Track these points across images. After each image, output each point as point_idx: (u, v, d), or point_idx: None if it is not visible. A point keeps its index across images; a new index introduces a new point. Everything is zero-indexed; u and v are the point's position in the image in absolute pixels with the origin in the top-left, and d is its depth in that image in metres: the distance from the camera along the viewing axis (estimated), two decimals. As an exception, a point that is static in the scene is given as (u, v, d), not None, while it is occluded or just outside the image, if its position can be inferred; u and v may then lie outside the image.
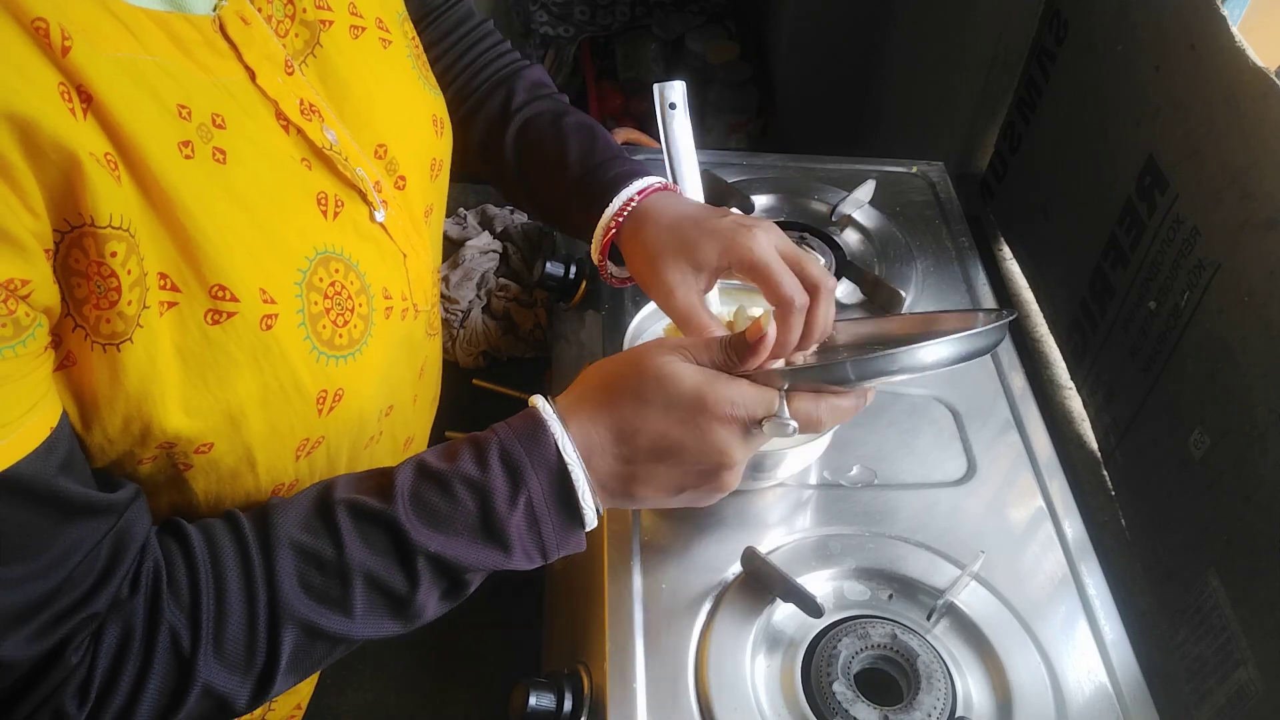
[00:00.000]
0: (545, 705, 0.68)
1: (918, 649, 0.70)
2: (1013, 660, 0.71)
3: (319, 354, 0.55)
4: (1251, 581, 0.73)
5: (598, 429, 0.58)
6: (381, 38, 0.65)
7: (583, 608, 0.76)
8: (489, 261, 1.22)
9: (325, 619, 0.53)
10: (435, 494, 0.55)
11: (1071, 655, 0.73)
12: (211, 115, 0.51)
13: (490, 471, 0.56)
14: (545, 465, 0.57)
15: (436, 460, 0.57)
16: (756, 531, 0.79)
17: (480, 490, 0.55)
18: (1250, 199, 0.76)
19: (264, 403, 0.53)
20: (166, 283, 0.48)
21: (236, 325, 0.51)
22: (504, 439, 0.57)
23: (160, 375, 0.49)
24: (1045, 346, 1.13)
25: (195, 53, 0.52)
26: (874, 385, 0.62)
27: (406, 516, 0.54)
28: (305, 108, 0.57)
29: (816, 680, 0.69)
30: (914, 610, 0.74)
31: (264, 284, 0.52)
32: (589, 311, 0.98)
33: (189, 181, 0.49)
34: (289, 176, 0.56)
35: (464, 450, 0.57)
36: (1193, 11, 0.84)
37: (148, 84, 0.48)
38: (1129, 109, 0.95)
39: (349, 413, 0.59)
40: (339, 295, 0.57)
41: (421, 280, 0.66)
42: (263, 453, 0.55)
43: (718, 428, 0.58)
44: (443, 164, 0.71)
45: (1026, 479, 0.85)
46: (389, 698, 0.89)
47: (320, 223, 0.57)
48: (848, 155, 1.18)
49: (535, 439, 0.57)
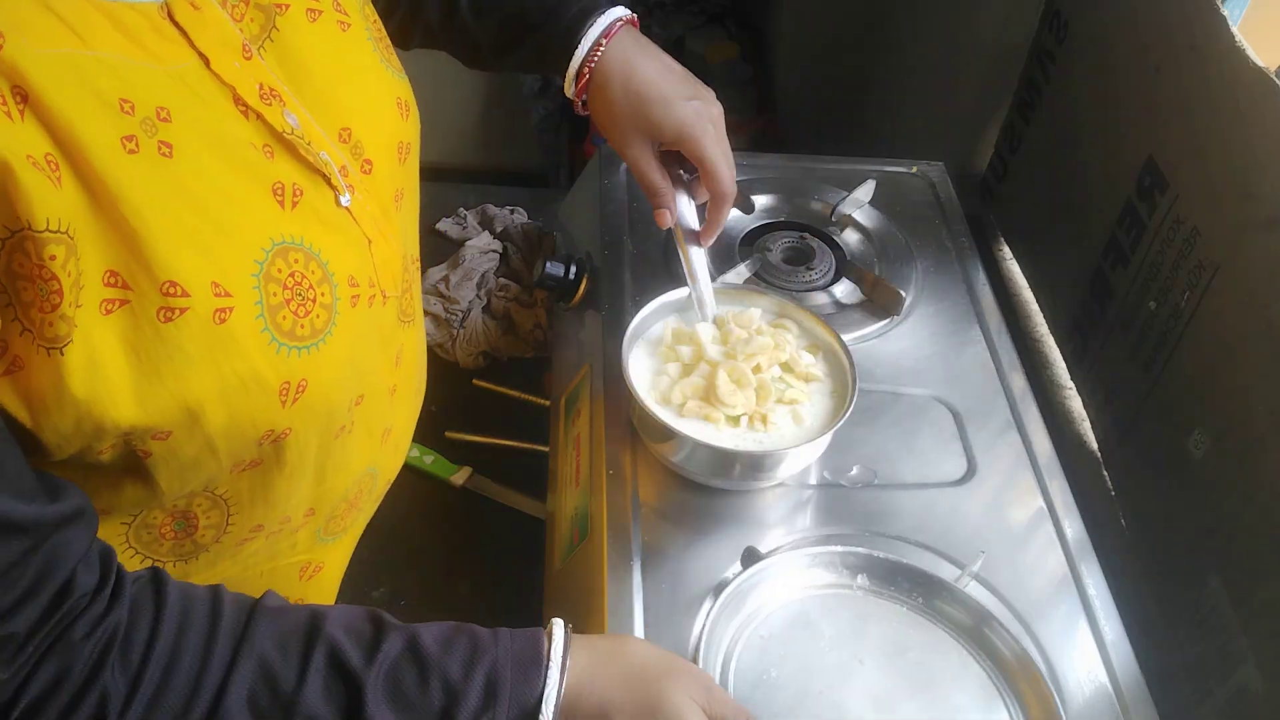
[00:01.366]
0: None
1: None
2: (1013, 660, 0.71)
3: (279, 345, 0.55)
4: (1251, 581, 0.73)
5: (594, 699, 0.58)
6: (340, 20, 0.64)
7: (583, 608, 0.76)
8: (489, 261, 1.22)
9: None
10: (412, 677, 0.55)
11: (1071, 655, 0.73)
12: (157, 109, 0.50)
13: (471, 682, 0.55)
14: (520, 704, 0.56)
15: (431, 643, 0.56)
16: (756, 531, 0.79)
17: (452, 695, 0.55)
18: (1250, 199, 0.76)
19: (223, 396, 0.53)
20: (117, 280, 0.48)
21: (189, 321, 0.50)
22: (499, 659, 0.57)
23: (106, 375, 0.48)
24: (1045, 346, 1.13)
25: (144, 41, 0.51)
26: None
27: (373, 690, 0.53)
28: (265, 92, 0.57)
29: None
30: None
31: (217, 277, 0.51)
32: (589, 311, 0.98)
33: (133, 177, 0.49)
34: (243, 167, 0.55)
35: (459, 645, 0.56)
36: (1193, 11, 0.84)
37: (87, 80, 0.48)
38: (1129, 109, 0.95)
39: (315, 403, 0.59)
40: (299, 285, 0.56)
41: (389, 266, 0.66)
42: (224, 442, 0.55)
43: None
44: (410, 147, 0.70)
45: (1026, 479, 0.85)
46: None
47: (277, 213, 0.56)
48: (848, 155, 1.17)
49: (527, 675, 0.57)
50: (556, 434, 0.94)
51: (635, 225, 1.04)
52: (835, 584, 0.75)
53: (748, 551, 0.74)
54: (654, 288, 0.90)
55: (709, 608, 0.72)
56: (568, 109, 2.16)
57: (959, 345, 0.95)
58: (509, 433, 1.07)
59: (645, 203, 1.03)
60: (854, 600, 0.75)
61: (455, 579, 0.96)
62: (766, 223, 1.06)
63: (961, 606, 0.73)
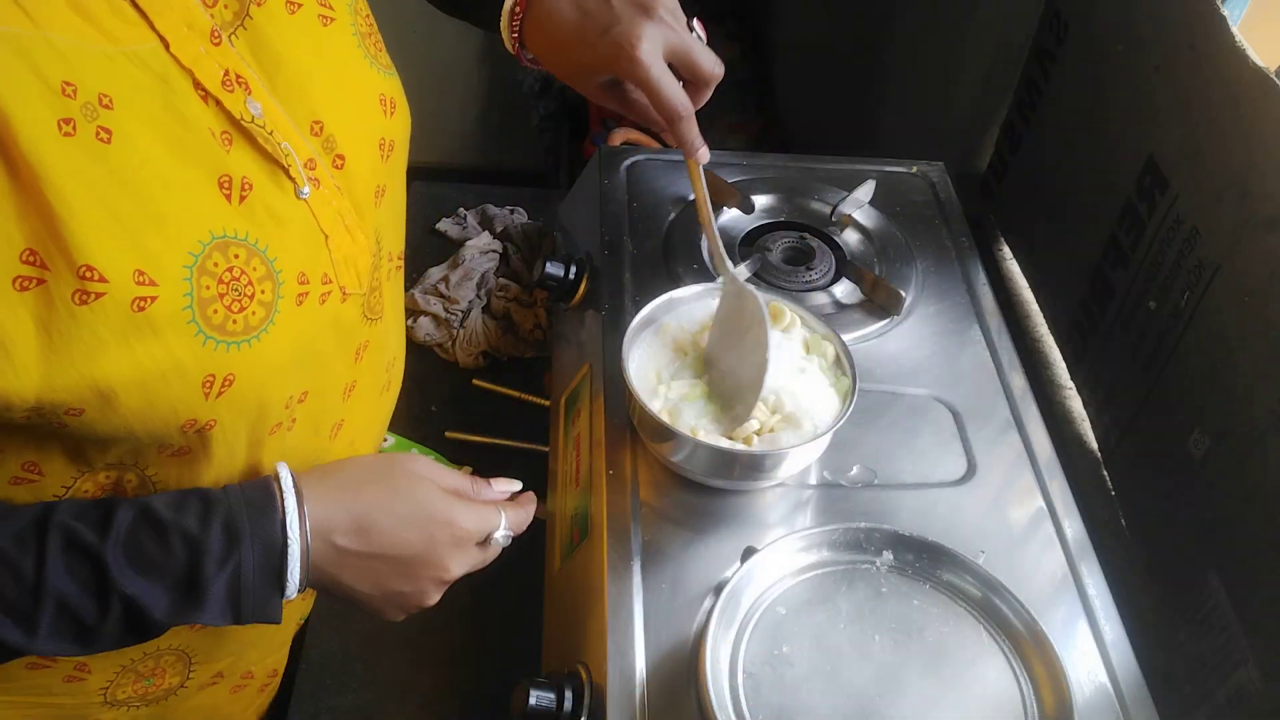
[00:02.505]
0: (545, 704, 0.68)
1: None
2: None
3: (205, 338, 0.55)
4: (1251, 581, 0.73)
5: (339, 511, 0.61)
6: (321, 15, 0.64)
7: (583, 608, 0.76)
8: (489, 261, 1.22)
9: (5, 630, 0.53)
10: (150, 539, 0.56)
11: (1071, 655, 0.73)
12: (99, 94, 0.51)
13: (210, 531, 0.57)
14: (264, 539, 0.58)
15: (163, 507, 0.57)
16: (756, 531, 0.79)
17: (194, 547, 0.56)
18: (1250, 199, 0.76)
19: (138, 382, 0.53)
20: (35, 259, 0.49)
21: (105, 306, 0.51)
22: (234, 503, 0.58)
23: (11, 349, 0.49)
24: (1045, 346, 1.13)
25: (101, 21, 0.51)
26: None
27: (114, 556, 0.54)
28: (230, 79, 0.57)
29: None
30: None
31: (142, 265, 0.52)
32: (589, 311, 0.98)
33: (64, 160, 0.49)
34: (191, 157, 0.55)
35: (192, 503, 0.58)
36: (1193, 11, 0.84)
37: (29, 60, 0.48)
38: (1129, 109, 0.95)
39: (243, 399, 0.59)
40: (236, 281, 0.56)
41: (352, 262, 0.65)
42: (142, 425, 0.55)
43: (450, 548, 0.66)
44: (394, 144, 0.70)
45: (1026, 479, 0.85)
46: (388, 699, 0.89)
47: (222, 206, 0.56)
48: (848, 155, 1.17)
49: (264, 512, 0.59)
50: (556, 434, 0.94)
51: (635, 225, 1.04)
52: (856, 560, 0.76)
53: (748, 551, 0.74)
54: (654, 288, 0.90)
55: (709, 606, 0.72)
56: (568, 109, 2.16)
57: (959, 345, 0.95)
58: (509, 433, 1.07)
59: (645, 202, 1.03)
60: (874, 576, 0.75)
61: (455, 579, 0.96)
62: (766, 223, 1.06)
63: (979, 582, 0.73)
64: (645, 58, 0.72)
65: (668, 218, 1.05)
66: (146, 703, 0.74)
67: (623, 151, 1.14)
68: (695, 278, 0.96)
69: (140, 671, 0.72)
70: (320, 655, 0.90)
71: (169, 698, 0.75)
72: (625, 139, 1.50)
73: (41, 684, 0.68)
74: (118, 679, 0.71)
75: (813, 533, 0.75)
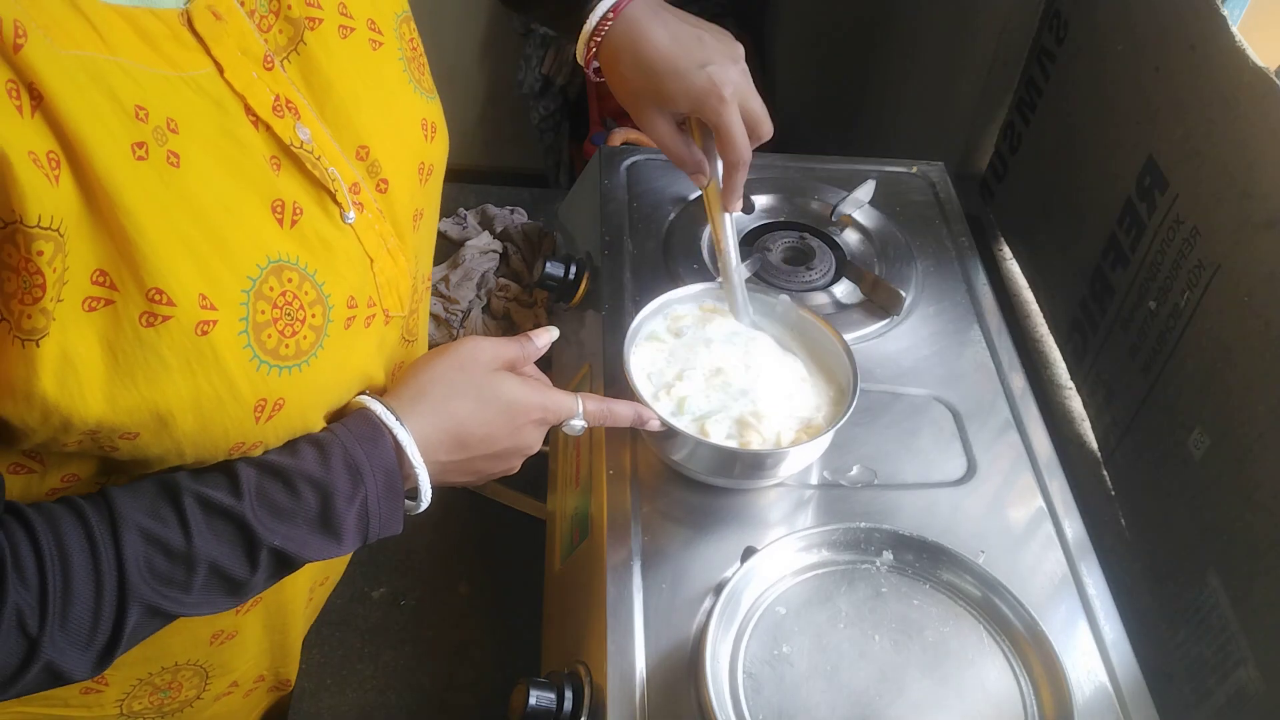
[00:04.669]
0: (545, 705, 0.69)
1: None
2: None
3: (260, 363, 0.55)
4: (1251, 581, 0.73)
5: (437, 430, 0.65)
6: (372, 39, 0.64)
7: (583, 608, 0.76)
8: (489, 261, 1.22)
9: (167, 600, 0.55)
10: (279, 490, 0.58)
11: (1071, 655, 0.73)
12: (168, 118, 0.51)
13: (333, 471, 0.59)
14: (383, 468, 0.61)
15: (280, 456, 0.59)
16: (756, 531, 0.79)
17: (322, 489, 0.59)
18: (1250, 199, 0.76)
19: (196, 406, 0.53)
20: (105, 280, 0.49)
21: (171, 329, 0.51)
22: (346, 441, 0.61)
23: (79, 370, 0.49)
24: (1045, 346, 1.13)
25: (162, 47, 0.52)
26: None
27: (254, 512, 0.56)
28: (280, 104, 0.57)
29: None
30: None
31: (206, 290, 0.52)
32: (589, 311, 0.98)
33: (138, 184, 0.49)
34: (247, 181, 0.55)
35: (305, 449, 0.60)
36: (1193, 12, 0.84)
37: (106, 84, 0.48)
38: (1129, 109, 0.95)
39: (290, 422, 0.59)
40: (289, 305, 0.56)
41: (394, 286, 0.66)
42: (192, 449, 0.55)
43: (531, 429, 0.70)
44: (433, 168, 0.70)
45: (1026, 479, 0.85)
46: (389, 697, 0.89)
47: (274, 231, 0.57)
48: (848, 155, 1.17)
49: (375, 443, 0.61)
50: (557, 434, 0.94)
51: (635, 225, 1.04)
52: (856, 560, 0.76)
53: (748, 551, 0.74)
54: (654, 288, 0.90)
55: (709, 606, 0.72)
56: (568, 109, 2.16)
57: (959, 345, 0.95)
58: (509, 433, 1.07)
59: (645, 202, 1.03)
60: (874, 576, 0.75)
61: (455, 579, 0.96)
62: (766, 223, 1.06)
63: (979, 582, 0.73)
64: (731, 100, 0.79)
65: (668, 218, 1.05)
66: (162, 714, 0.74)
67: (623, 151, 1.14)
68: (695, 278, 0.96)
69: (157, 684, 0.72)
70: (320, 655, 0.90)
71: (184, 709, 0.76)
72: (625, 139, 1.50)
73: (58, 695, 0.68)
74: (134, 691, 0.71)
75: (813, 533, 0.75)
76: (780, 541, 0.74)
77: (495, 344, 0.71)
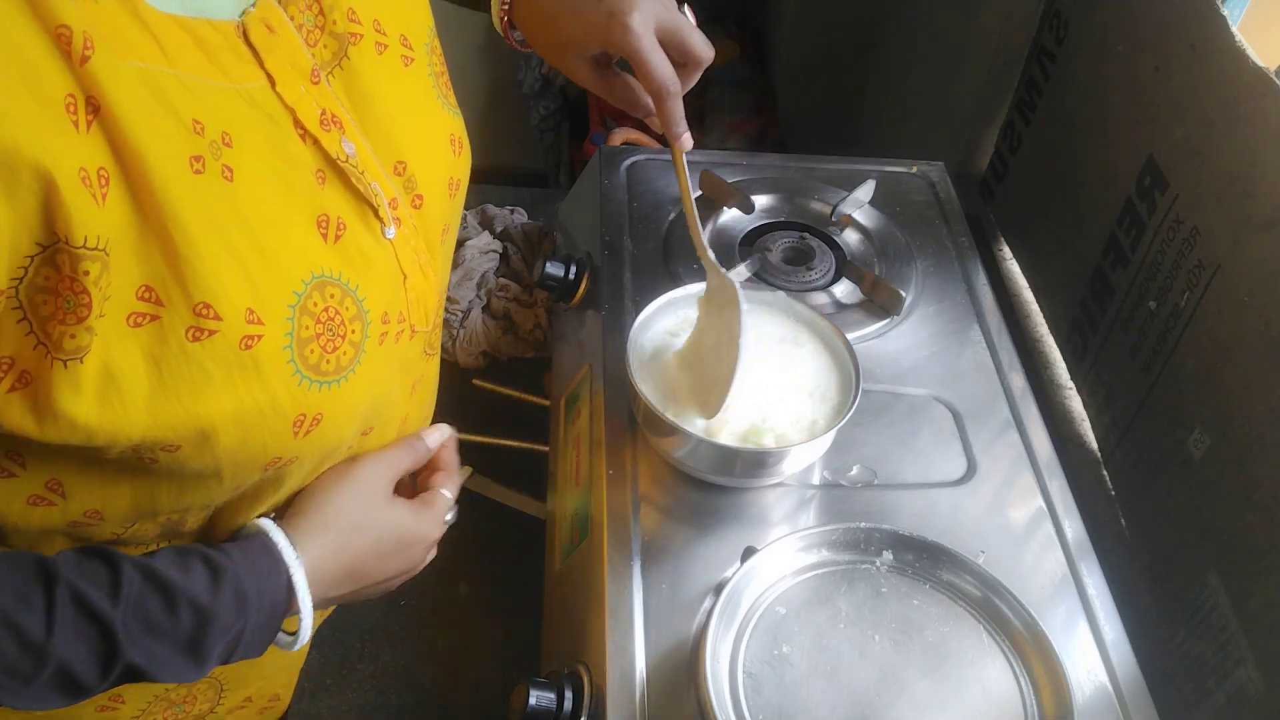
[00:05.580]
0: (545, 705, 0.69)
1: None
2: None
3: (302, 378, 0.55)
4: (1251, 581, 0.73)
5: (334, 567, 0.64)
6: (404, 55, 0.64)
7: (583, 608, 0.76)
8: (489, 261, 1.22)
9: (1, 690, 0.51)
10: (158, 605, 0.54)
11: (1071, 655, 0.73)
12: (223, 132, 0.51)
13: (220, 600, 0.56)
14: (270, 603, 0.59)
15: (168, 569, 0.55)
16: (757, 531, 0.79)
17: (203, 615, 0.55)
18: (1250, 199, 0.76)
19: (238, 421, 0.53)
20: (151, 295, 0.48)
21: (216, 343, 0.50)
22: (242, 571, 0.58)
23: (122, 386, 0.48)
24: (1045, 346, 1.13)
25: (219, 57, 0.52)
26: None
27: (124, 623, 0.52)
28: (326, 118, 0.57)
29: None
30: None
31: (254, 304, 0.51)
32: (589, 311, 0.98)
33: (192, 197, 0.48)
34: (295, 195, 0.55)
35: (198, 568, 0.56)
36: (1193, 11, 0.84)
37: (166, 97, 0.48)
38: (1129, 109, 0.95)
39: (325, 437, 0.59)
40: (332, 321, 0.56)
41: (423, 301, 0.66)
42: (230, 463, 0.55)
43: (420, 551, 0.71)
44: (460, 183, 0.71)
45: (1026, 479, 0.85)
46: (389, 697, 0.89)
47: (319, 245, 0.56)
48: (848, 155, 1.17)
49: (270, 578, 0.59)
50: (556, 434, 0.94)
51: (635, 225, 1.04)
52: (856, 560, 0.76)
53: (748, 551, 0.74)
54: (654, 288, 0.90)
55: (709, 606, 0.72)
56: (568, 108, 2.16)
57: (959, 345, 0.95)
58: (509, 433, 1.07)
59: (645, 202, 1.03)
60: (874, 576, 0.75)
61: (455, 579, 0.96)
62: (766, 223, 1.06)
63: (979, 582, 0.73)
64: (637, 28, 0.71)
65: (668, 218, 1.05)
66: None
67: (623, 151, 1.14)
68: (695, 277, 0.95)
69: (172, 699, 0.72)
70: (319, 655, 0.90)
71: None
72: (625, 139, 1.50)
73: (74, 713, 0.68)
74: (150, 708, 0.71)
75: (813, 533, 0.75)
76: (780, 541, 0.74)
77: (391, 461, 0.69)
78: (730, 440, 0.78)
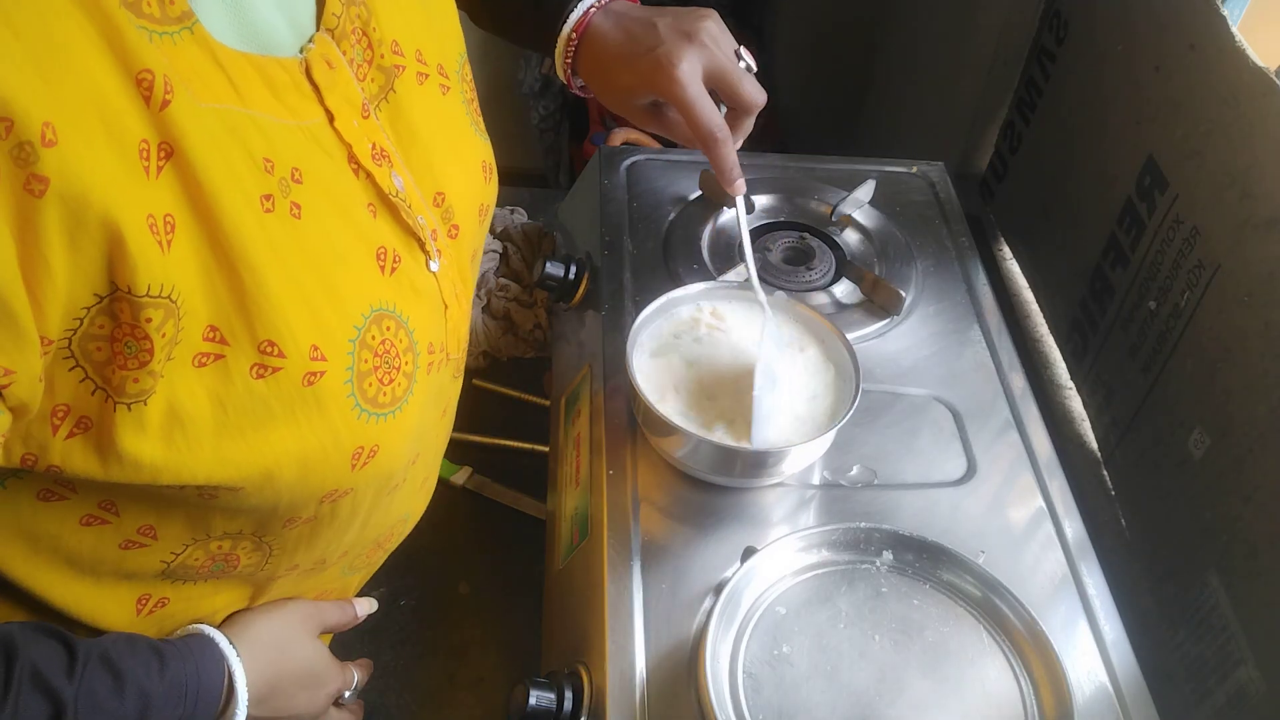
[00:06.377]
0: (545, 705, 0.69)
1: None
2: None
3: (360, 411, 0.55)
4: (1251, 581, 0.73)
5: (255, 680, 0.63)
6: (441, 84, 0.65)
7: (583, 608, 0.76)
8: (489, 261, 1.22)
9: None
10: (107, 688, 0.54)
11: (1071, 655, 0.73)
12: (292, 169, 0.51)
13: (164, 687, 0.56)
14: (209, 698, 0.59)
15: (120, 655, 0.55)
16: (757, 531, 0.79)
17: (146, 701, 0.55)
18: (1250, 199, 0.76)
19: (301, 457, 0.53)
20: (216, 335, 0.48)
21: (279, 380, 0.50)
22: (185, 664, 0.58)
23: (186, 428, 0.48)
24: (1045, 346, 1.13)
25: (285, 95, 0.52)
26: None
27: (75, 707, 0.52)
28: (377, 152, 0.57)
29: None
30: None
31: (318, 340, 0.51)
32: (589, 311, 0.98)
33: (263, 237, 0.48)
34: (355, 230, 0.55)
35: (145, 654, 0.57)
36: (1193, 11, 0.84)
37: (240, 137, 0.48)
38: (1129, 109, 0.95)
39: (381, 468, 0.59)
40: (388, 353, 0.56)
41: (458, 329, 0.66)
42: (289, 498, 0.55)
43: (324, 700, 0.72)
44: (488, 209, 0.71)
45: (1026, 479, 0.85)
46: (389, 697, 0.89)
47: (378, 278, 0.56)
48: (848, 155, 1.17)
49: (210, 674, 0.60)
50: (556, 434, 0.94)
51: (635, 225, 1.04)
52: (856, 560, 0.76)
53: (748, 551, 0.74)
54: (654, 288, 0.90)
55: (709, 606, 0.72)
56: (568, 109, 2.16)
57: (959, 345, 0.95)
58: (509, 433, 1.07)
59: (645, 202, 1.03)
60: (874, 576, 0.75)
61: (455, 579, 0.96)
62: (766, 223, 1.06)
63: (979, 582, 0.73)
64: (683, 76, 0.74)
65: (668, 218, 1.05)
66: None
67: (623, 151, 1.14)
68: (695, 277, 0.96)
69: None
70: (320, 655, 0.90)
71: None
72: (625, 139, 1.50)
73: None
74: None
75: (813, 533, 0.75)
76: (780, 541, 0.74)
77: (322, 609, 0.72)
78: (731, 440, 0.78)
